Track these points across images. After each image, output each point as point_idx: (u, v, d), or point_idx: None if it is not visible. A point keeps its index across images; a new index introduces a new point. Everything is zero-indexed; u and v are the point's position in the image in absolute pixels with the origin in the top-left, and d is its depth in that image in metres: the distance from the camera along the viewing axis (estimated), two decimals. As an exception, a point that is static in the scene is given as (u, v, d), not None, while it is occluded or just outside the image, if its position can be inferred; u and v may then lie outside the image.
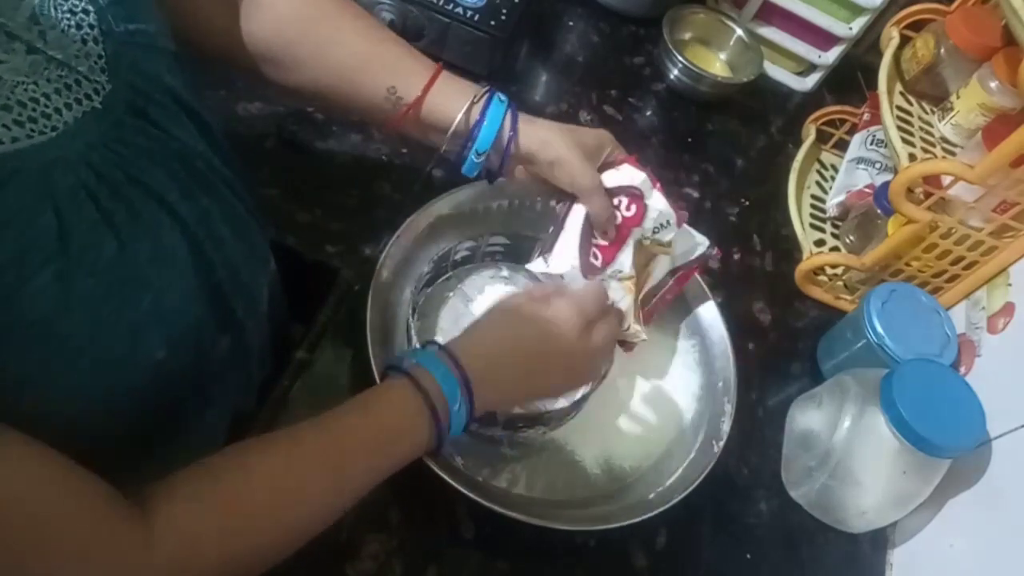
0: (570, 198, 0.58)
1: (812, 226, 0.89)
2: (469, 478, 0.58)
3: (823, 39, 0.98)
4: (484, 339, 0.53)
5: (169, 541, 0.36)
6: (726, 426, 0.63)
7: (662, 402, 0.68)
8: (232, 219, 0.47)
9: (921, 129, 0.76)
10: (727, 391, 0.66)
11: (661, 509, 0.57)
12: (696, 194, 0.87)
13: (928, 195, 0.68)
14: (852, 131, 0.92)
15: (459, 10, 0.78)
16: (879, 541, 0.69)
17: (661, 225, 0.59)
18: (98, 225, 0.34)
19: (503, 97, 0.56)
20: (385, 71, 0.55)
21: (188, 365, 0.43)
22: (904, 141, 0.71)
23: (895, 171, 0.68)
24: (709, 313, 0.70)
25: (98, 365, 0.36)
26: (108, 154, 0.35)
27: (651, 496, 0.59)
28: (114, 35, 0.37)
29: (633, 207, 0.58)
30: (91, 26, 0.36)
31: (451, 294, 0.67)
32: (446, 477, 0.53)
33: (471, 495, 0.53)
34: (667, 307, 0.68)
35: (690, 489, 0.58)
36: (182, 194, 0.40)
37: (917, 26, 0.81)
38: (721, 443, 0.62)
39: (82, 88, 0.35)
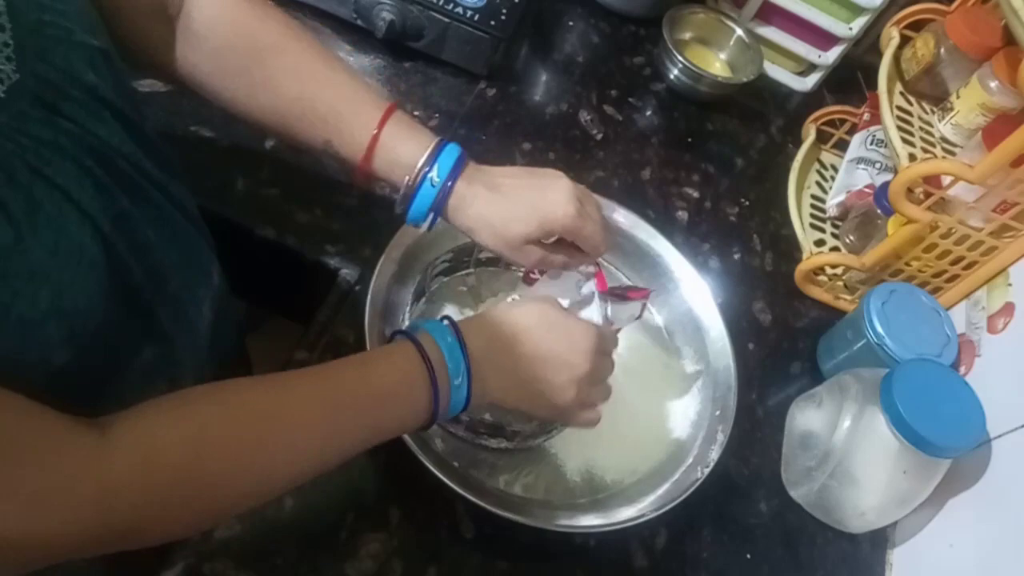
0: None
1: (812, 226, 0.89)
2: (469, 479, 0.58)
3: (823, 39, 0.98)
4: (500, 324, 0.50)
5: (127, 445, 0.35)
6: (723, 435, 0.63)
7: (664, 398, 0.68)
8: (162, 225, 0.44)
9: (921, 129, 0.76)
10: (728, 384, 0.66)
11: (662, 510, 0.57)
12: (696, 194, 0.87)
13: (928, 195, 0.68)
14: (852, 131, 0.92)
15: (459, 10, 0.78)
16: (879, 541, 0.69)
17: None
18: None
19: (438, 176, 0.52)
20: (320, 124, 0.52)
21: (101, 370, 0.41)
22: (904, 141, 0.71)
23: (895, 171, 0.68)
24: (709, 313, 0.70)
25: None
26: (6, 143, 0.34)
27: (652, 496, 0.59)
28: (23, 23, 0.35)
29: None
30: None
31: (464, 289, 0.67)
32: (446, 480, 0.53)
33: (471, 497, 0.53)
34: None
35: (690, 491, 0.58)
36: (96, 190, 0.38)
37: (917, 26, 0.81)
38: (725, 437, 0.62)
39: None
